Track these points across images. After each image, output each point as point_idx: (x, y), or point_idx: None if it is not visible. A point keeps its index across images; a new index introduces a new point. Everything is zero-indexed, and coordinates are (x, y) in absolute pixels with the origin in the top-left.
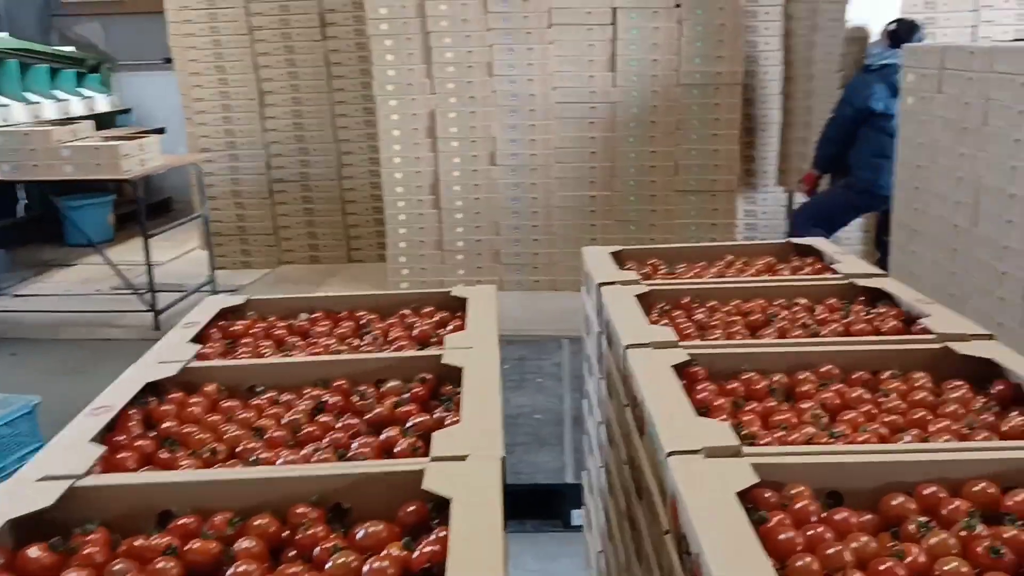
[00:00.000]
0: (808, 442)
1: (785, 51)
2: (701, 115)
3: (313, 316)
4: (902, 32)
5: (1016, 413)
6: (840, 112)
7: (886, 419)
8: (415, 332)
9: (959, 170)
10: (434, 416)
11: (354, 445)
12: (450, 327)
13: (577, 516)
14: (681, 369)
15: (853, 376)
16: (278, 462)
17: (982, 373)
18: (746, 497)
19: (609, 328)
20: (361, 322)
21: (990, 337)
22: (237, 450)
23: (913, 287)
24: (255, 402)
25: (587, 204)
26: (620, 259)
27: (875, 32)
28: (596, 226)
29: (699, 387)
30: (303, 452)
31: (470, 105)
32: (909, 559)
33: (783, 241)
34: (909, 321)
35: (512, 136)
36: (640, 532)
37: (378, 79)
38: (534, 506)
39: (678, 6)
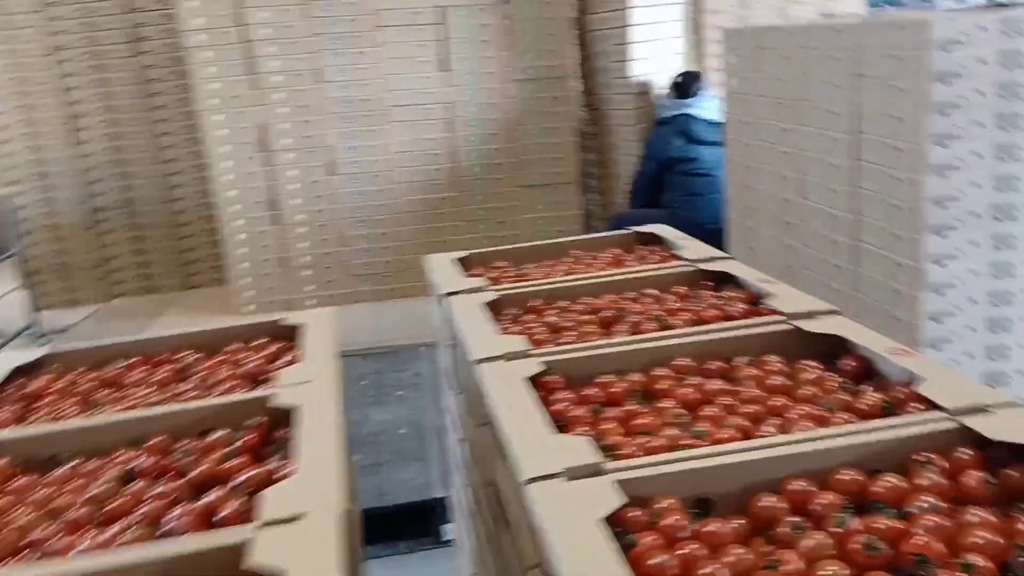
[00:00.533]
0: (671, 445)
1: (589, 108)
2: (538, 109)
3: (129, 363)
4: (687, 83)
5: (869, 389)
6: (645, 167)
7: (746, 410)
8: (245, 370)
9: (783, 145)
10: (267, 468)
11: (172, 515)
12: (285, 360)
13: (450, 530)
14: (536, 379)
15: (709, 367)
16: (76, 550)
17: (831, 350)
18: (612, 518)
19: (459, 341)
20: (184, 364)
21: (836, 312)
22: (30, 540)
23: (753, 263)
24: (55, 475)
25: (434, 206)
26: (465, 264)
27: (662, 85)
28: (445, 227)
29: (556, 398)
30: (110, 532)
31: (303, 114)
32: (786, 568)
33: (627, 231)
34: (756, 302)
35: (350, 143)
36: (510, 562)
37: (200, 93)
38: (404, 525)
39: (506, 2)
